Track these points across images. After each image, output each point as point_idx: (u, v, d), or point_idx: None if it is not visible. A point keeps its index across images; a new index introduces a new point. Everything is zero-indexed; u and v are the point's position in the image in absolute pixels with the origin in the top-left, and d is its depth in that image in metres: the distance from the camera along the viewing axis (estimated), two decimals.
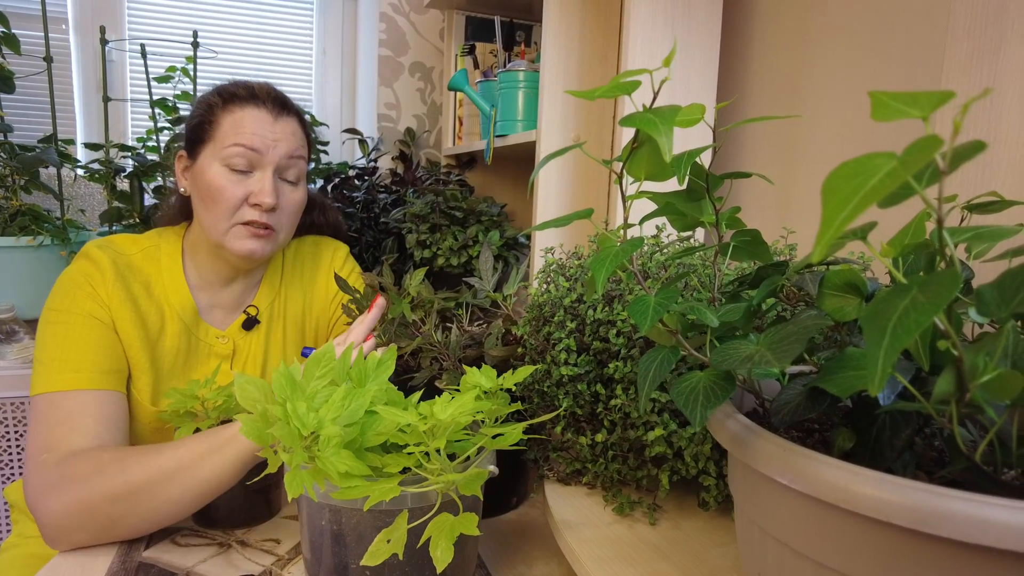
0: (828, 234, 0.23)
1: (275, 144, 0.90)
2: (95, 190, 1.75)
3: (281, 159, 0.91)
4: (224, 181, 0.89)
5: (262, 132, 0.90)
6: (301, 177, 0.96)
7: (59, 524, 0.71)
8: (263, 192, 0.89)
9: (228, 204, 0.89)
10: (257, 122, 0.90)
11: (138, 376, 0.89)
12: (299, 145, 0.94)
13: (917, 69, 0.85)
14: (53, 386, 0.80)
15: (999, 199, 0.48)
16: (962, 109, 0.25)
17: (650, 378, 0.41)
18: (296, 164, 0.94)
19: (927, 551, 0.31)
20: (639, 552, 0.61)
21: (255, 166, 0.90)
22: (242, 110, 0.91)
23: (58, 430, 0.77)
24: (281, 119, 0.92)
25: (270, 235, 0.92)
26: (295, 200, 0.95)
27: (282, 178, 0.93)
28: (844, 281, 0.39)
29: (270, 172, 0.90)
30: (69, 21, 1.73)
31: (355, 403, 0.57)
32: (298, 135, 0.94)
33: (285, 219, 0.94)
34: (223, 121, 0.91)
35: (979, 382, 0.30)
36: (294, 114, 0.95)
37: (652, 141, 0.37)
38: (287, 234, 0.97)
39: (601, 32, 1.09)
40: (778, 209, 1.06)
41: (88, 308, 0.85)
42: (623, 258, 0.39)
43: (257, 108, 0.91)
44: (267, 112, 0.91)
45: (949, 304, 0.29)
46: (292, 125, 0.94)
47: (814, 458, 0.33)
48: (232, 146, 0.89)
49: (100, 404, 0.81)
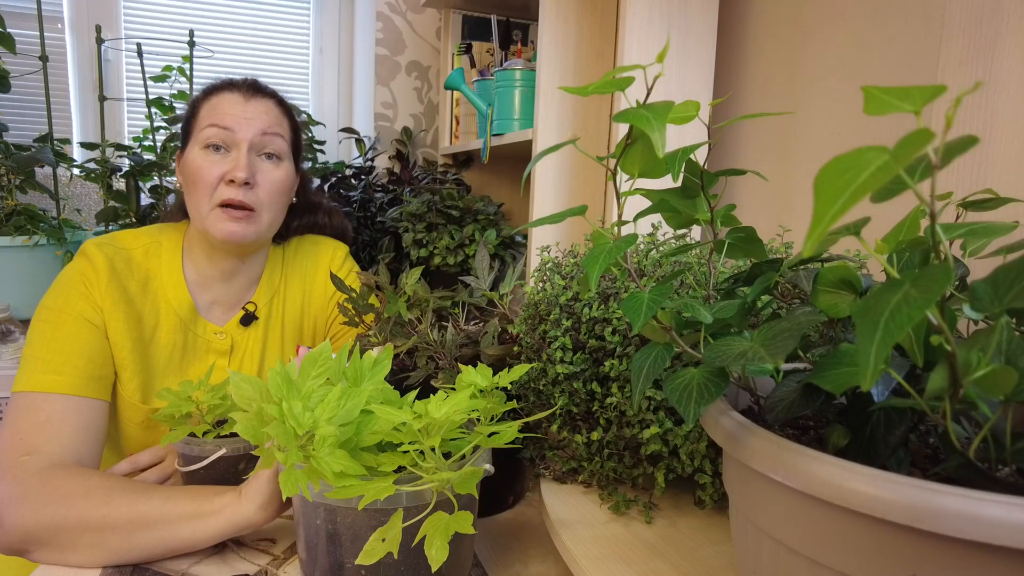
0: (819, 228, 0.23)
1: (247, 121, 0.92)
2: (91, 189, 1.74)
3: (255, 135, 0.92)
4: (202, 161, 0.91)
5: (234, 111, 0.92)
6: (283, 155, 0.96)
7: (23, 534, 0.68)
8: (237, 167, 0.89)
9: (206, 183, 0.90)
10: (229, 103, 0.93)
11: (128, 377, 0.89)
12: (274, 122, 0.95)
13: (913, 65, 0.85)
14: (34, 385, 0.80)
15: (994, 196, 0.48)
16: (954, 103, 0.25)
17: (644, 375, 0.41)
18: (273, 141, 0.94)
19: (921, 547, 0.31)
20: (635, 551, 0.61)
21: (230, 144, 0.92)
22: (217, 96, 0.94)
23: (38, 435, 0.76)
24: (255, 99, 0.95)
25: (250, 216, 0.92)
26: (275, 178, 0.94)
27: (260, 156, 0.94)
28: (838, 277, 0.39)
29: (244, 148, 0.91)
30: (65, 20, 1.72)
31: (351, 403, 0.57)
32: (272, 113, 0.96)
33: (265, 196, 0.93)
34: (202, 109, 0.94)
35: (972, 378, 0.30)
36: (269, 95, 0.97)
37: (646, 137, 0.37)
38: (272, 216, 0.95)
39: (597, 30, 1.09)
40: (775, 206, 1.06)
41: (80, 309, 0.85)
42: (616, 255, 0.39)
43: (231, 92, 0.94)
44: (239, 94, 0.94)
45: (941, 299, 0.29)
46: (266, 104, 0.95)
47: (808, 455, 0.33)
48: (207, 127, 0.91)
49: (80, 413, 0.81)
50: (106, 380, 0.86)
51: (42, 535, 0.68)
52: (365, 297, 0.89)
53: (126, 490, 0.71)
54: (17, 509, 0.69)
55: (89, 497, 0.69)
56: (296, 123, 1.02)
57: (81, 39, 1.73)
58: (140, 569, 0.69)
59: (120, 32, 1.77)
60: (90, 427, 0.81)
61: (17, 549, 0.70)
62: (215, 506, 0.69)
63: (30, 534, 0.68)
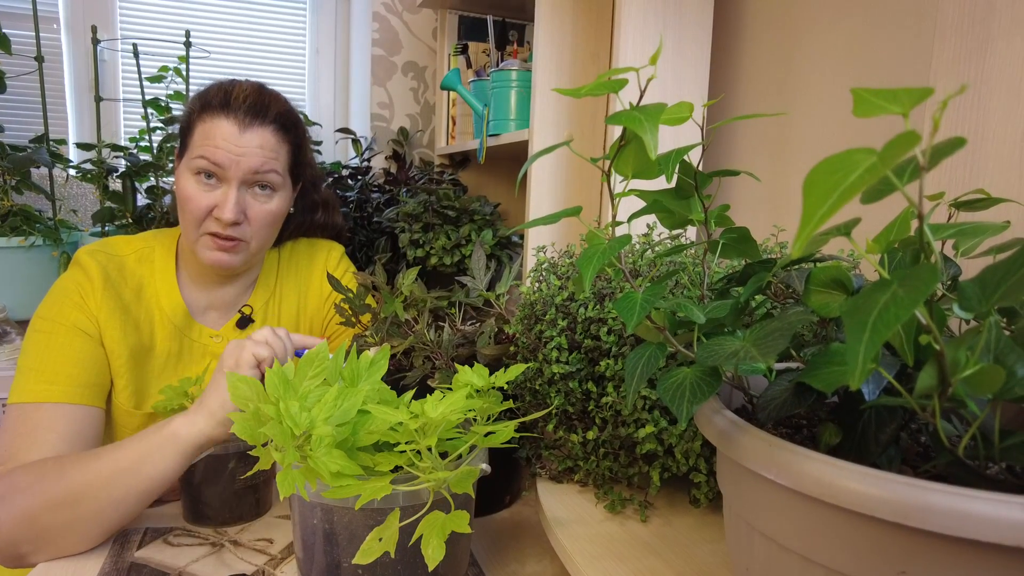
0: (807, 229, 0.23)
1: (239, 159, 0.88)
2: (87, 190, 1.74)
3: (246, 174, 0.89)
4: (192, 190, 0.88)
5: (227, 146, 0.87)
6: (276, 186, 0.93)
7: (6, 537, 0.69)
8: (224, 207, 0.88)
9: (194, 214, 0.89)
10: (222, 136, 0.88)
11: (123, 385, 0.89)
12: (269, 157, 0.90)
13: (907, 66, 0.85)
14: (25, 396, 0.80)
15: (985, 196, 0.48)
16: (940, 105, 0.25)
17: (638, 374, 0.41)
18: (265, 176, 0.91)
19: (910, 544, 0.31)
20: (630, 549, 0.61)
21: (221, 179, 0.89)
22: (212, 120, 0.89)
23: (19, 442, 0.77)
24: (250, 131, 0.89)
25: (237, 246, 0.91)
26: (266, 212, 0.92)
27: (252, 191, 0.91)
28: (830, 278, 0.40)
29: (234, 187, 0.88)
30: (60, 20, 1.72)
31: (347, 403, 0.57)
32: (268, 145, 0.90)
33: (256, 230, 0.92)
34: (196, 130, 0.90)
35: (961, 376, 0.30)
36: (269, 122, 0.91)
37: (638, 139, 0.38)
38: (262, 243, 0.95)
39: (593, 31, 1.10)
40: (770, 207, 1.06)
41: (74, 319, 0.85)
42: (610, 255, 0.39)
43: (226, 118, 0.88)
44: (235, 124, 0.88)
45: (929, 298, 0.29)
46: (262, 136, 0.90)
47: (798, 453, 0.34)
48: (198, 158, 0.88)
49: (68, 420, 0.81)
50: (101, 387, 0.86)
51: (20, 531, 0.69)
52: (362, 297, 0.89)
53: (77, 459, 0.72)
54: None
55: (45, 477, 0.70)
56: (300, 138, 0.97)
57: (77, 39, 1.73)
58: (137, 567, 0.69)
59: (116, 33, 1.77)
60: (81, 433, 0.81)
61: (12, 555, 0.70)
62: (165, 434, 0.70)
63: (12, 534, 0.69)
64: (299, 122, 0.98)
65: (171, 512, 0.82)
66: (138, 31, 1.79)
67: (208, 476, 0.76)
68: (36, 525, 0.69)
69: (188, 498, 0.78)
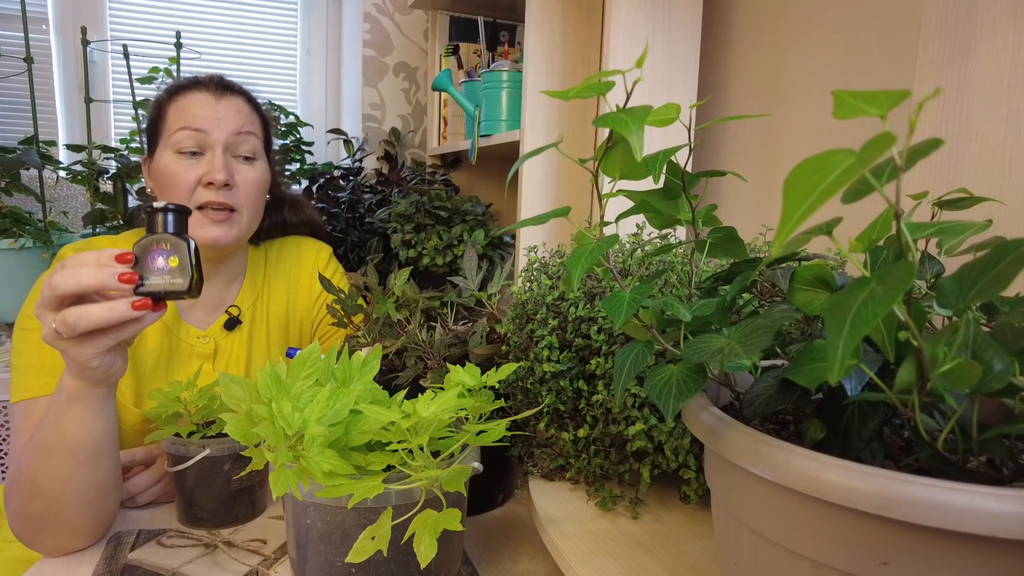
0: (787, 229, 0.24)
1: (219, 122, 0.91)
2: (78, 192, 1.74)
3: (228, 136, 0.91)
4: (176, 166, 0.89)
5: (204, 112, 0.90)
6: (257, 154, 0.95)
7: (17, 532, 0.73)
8: (214, 169, 0.89)
9: (183, 188, 0.89)
10: (199, 104, 0.91)
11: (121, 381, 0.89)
12: (246, 121, 0.94)
13: (892, 68, 0.86)
14: (27, 393, 0.80)
15: (968, 195, 0.49)
16: (916, 107, 0.26)
17: (626, 372, 0.42)
18: (247, 140, 0.93)
19: (891, 536, 0.32)
20: (622, 546, 0.62)
21: (204, 147, 0.91)
22: (185, 96, 0.92)
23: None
24: (224, 98, 0.93)
25: (231, 218, 0.92)
26: (252, 177, 0.94)
27: (235, 156, 0.93)
28: (814, 276, 0.40)
29: (219, 150, 0.90)
30: (50, 21, 1.71)
31: (340, 403, 0.58)
32: (243, 112, 0.94)
33: (245, 198, 0.93)
34: (169, 111, 0.92)
35: (939, 371, 0.31)
36: (239, 93, 0.96)
37: (625, 140, 0.38)
38: (251, 215, 0.95)
39: (583, 32, 1.10)
40: (759, 207, 1.07)
41: None
42: (598, 255, 0.40)
43: (199, 91, 0.92)
44: (209, 93, 0.92)
45: (907, 295, 0.30)
46: (236, 103, 0.94)
47: (783, 448, 0.34)
48: (179, 131, 0.90)
49: None
50: None
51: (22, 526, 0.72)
52: (354, 298, 0.89)
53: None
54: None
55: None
56: (266, 119, 1.01)
57: (66, 40, 1.72)
58: (130, 568, 0.69)
59: (106, 33, 1.76)
60: None
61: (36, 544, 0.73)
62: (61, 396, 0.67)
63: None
64: (264, 111, 1.01)
65: (164, 514, 0.82)
66: (128, 32, 1.79)
67: (203, 479, 0.76)
68: (28, 519, 0.72)
69: (183, 501, 0.78)
